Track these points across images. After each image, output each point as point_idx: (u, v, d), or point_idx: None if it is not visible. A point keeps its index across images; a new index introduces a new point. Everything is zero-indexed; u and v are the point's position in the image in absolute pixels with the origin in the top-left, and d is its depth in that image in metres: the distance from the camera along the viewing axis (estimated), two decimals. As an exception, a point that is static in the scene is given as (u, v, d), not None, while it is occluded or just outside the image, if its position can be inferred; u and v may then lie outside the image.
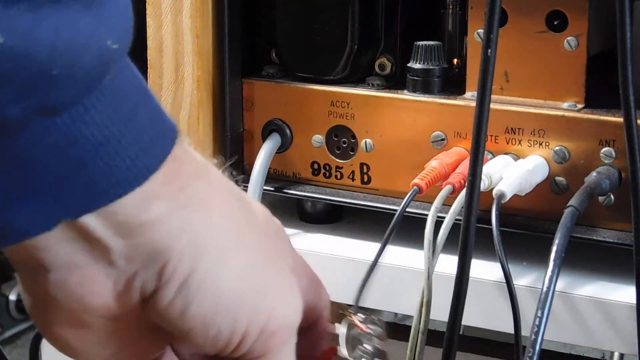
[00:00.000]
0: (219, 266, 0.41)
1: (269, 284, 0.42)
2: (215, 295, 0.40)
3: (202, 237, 0.40)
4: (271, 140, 0.76)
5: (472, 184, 0.56)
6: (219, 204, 0.41)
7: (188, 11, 0.74)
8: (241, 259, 0.41)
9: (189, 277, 0.40)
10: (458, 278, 0.57)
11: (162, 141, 0.40)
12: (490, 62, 0.55)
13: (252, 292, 0.42)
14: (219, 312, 0.41)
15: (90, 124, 0.37)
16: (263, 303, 0.42)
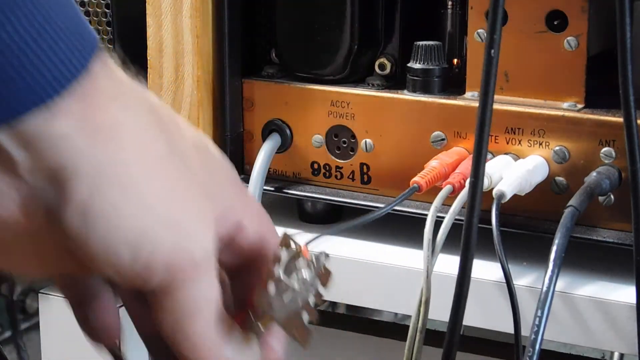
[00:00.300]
0: (120, 196, 0.40)
1: (174, 218, 0.41)
2: (114, 225, 0.40)
3: (106, 164, 0.39)
4: (271, 140, 0.76)
5: (474, 185, 0.55)
6: (131, 131, 0.40)
7: (188, 11, 0.74)
8: (145, 191, 0.40)
9: (88, 201, 0.39)
10: (459, 279, 0.57)
11: (79, 54, 0.39)
12: (493, 63, 0.55)
13: (154, 225, 0.40)
14: (118, 243, 0.40)
15: (1, 32, 0.37)
16: (166, 238, 0.41)
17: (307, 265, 0.47)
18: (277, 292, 0.45)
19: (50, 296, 0.83)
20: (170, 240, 0.41)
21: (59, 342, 0.82)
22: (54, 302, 0.80)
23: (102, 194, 0.39)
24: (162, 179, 0.41)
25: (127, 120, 0.40)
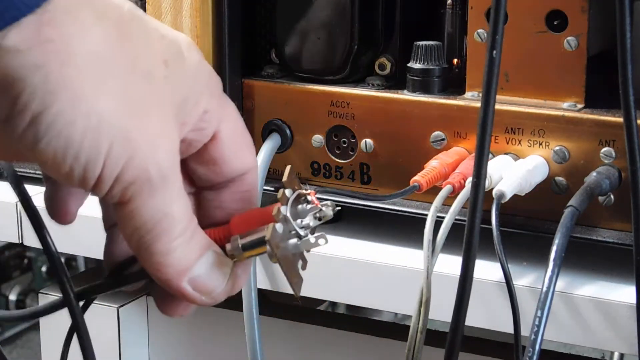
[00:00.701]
0: (71, 110, 0.40)
1: (127, 133, 0.41)
2: (65, 137, 0.40)
3: (57, 78, 0.39)
4: (271, 140, 0.76)
5: (477, 185, 0.55)
6: (84, 45, 0.40)
7: (188, 11, 0.74)
8: (97, 106, 0.40)
9: (39, 114, 0.39)
10: (461, 281, 0.57)
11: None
12: (495, 64, 0.55)
13: (105, 140, 0.40)
14: (69, 154, 0.40)
15: None
16: (118, 152, 0.41)
17: (314, 210, 0.46)
18: (283, 233, 0.45)
19: (50, 296, 0.83)
20: (122, 157, 0.41)
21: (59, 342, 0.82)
22: (54, 302, 0.79)
23: (52, 109, 0.39)
24: (116, 94, 0.41)
25: (82, 35, 0.40)
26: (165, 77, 0.43)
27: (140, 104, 0.42)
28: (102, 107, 0.40)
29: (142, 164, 0.41)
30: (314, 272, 0.73)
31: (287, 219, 0.45)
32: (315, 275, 0.73)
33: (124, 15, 0.42)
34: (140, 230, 0.42)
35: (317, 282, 0.73)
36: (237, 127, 0.47)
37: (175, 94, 0.43)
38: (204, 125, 0.45)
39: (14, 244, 1.06)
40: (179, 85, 0.44)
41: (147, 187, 0.42)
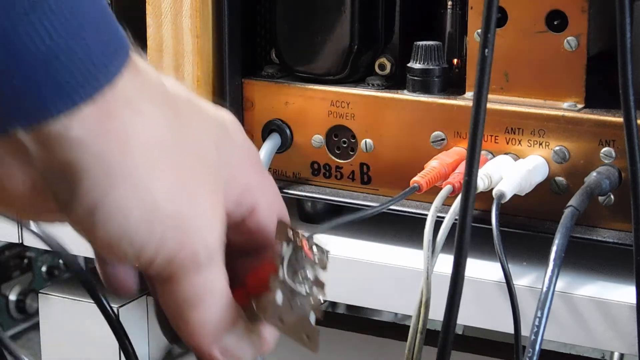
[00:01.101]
0: (129, 199, 0.41)
1: (180, 217, 0.42)
2: (122, 225, 0.41)
3: (117, 168, 0.40)
4: (271, 140, 0.76)
5: (468, 183, 0.55)
6: (144, 136, 0.41)
7: (188, 11, 0.74)
8: (153, 192, 0.41)
9: (98, 203, 0.40)
10: (453, 278, 0.57)
11: (108, 62, 0.39)
12: (487, 62, 0.55)
13: (159, 225, 0.42)
14: (124, 240, 0.41)
15: (35, 37, 0.37)
16: (170, 237, 0.42)
17: (310, 262, 0.47)
18: (285, 299, 0.45)
19: (50, 296, 0.83)
20: (174, 239, 0.42)
21: (59, 342, 0.82)
22: (54, 302, 0.80)
23: (111, 198, 0.40)
24: (172, 180, 0.42)
25: (144, 126, 0.41)
26: (216, 161, 0.45)
27: (193, 188, 0.43)
28: (159, 195, 0.42)
29: (192, 247, 0.43)
30: (314, 272, 0.73)
31: (284, 282, 0.46)
32: (315, 275, 0.73)
33: (180, 103, 0.44)
34: (181, 303, 0.44)
35: (317, 282, 0.73)
36: (274, 199, 0.49)
37: (223, 174, 0.45)
38: (245, 200, 0.47)
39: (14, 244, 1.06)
40: (227, 165, 0.46)
41: (195, 267, 0.43)
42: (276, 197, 0.50)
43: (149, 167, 0.41)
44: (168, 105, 0.43)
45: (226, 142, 0.46)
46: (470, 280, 0.60)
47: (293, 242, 0.47)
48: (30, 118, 0.38)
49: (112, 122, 0.40)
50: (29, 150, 0.39)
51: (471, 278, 0.60)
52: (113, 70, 0.40)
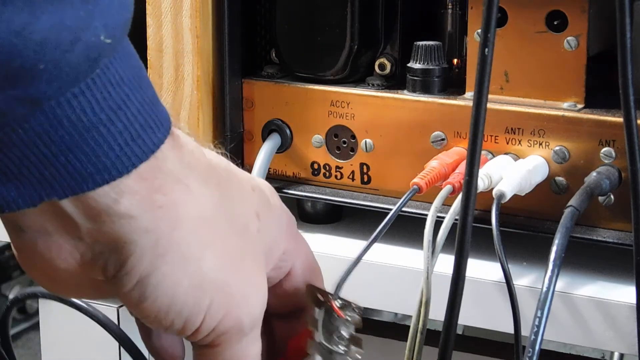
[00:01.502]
0: (178, 271, 0.41)
1: (228, 289, 0.43)
2: (170, 296, 0.42)
3: (167, 242, 0.41)
4: (271, 140, 0.76)
5: (469, 183, 0.55)
6: (192, 211, 0.42)
7: (188, 11, 0.74)
8: (201, 267, 0.42)
9: (147, 275, 0.41)
10: (454, 278, 0.57)
11: (151, 136, 0.40)
12: (487, 62, 0.55)
13: (207, 298, 0.43)
14: (172, 311, 0.42)
15: (77, 110, 0.38)
16: (217, 309, 0.43)
17: (343, 322, 0.48)
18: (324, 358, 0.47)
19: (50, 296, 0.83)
20: (221, 311, 0.43)
21: (58, 342, 0.82)
22: (53, 303, 0.80)
23: (160, 271, 0.41)
24: (218, 251, 0.43)
25: (187, 200, 0.42)
26: (258, 230, 0.46)
27: (237, 258, 0.44)
28: (207, 266, 0.42)
29: (238, 315, 0.44)
30: (314, 272, 0.73)
31: (322, 345, 0.47)
32: (315, 275, 0.73)
33: (223, 175, 0.45)
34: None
35: (317, 282, 0.73)
36: (309, 262, 0.51)
37: (265, 242, 0.47)
38: (283, 265, 0.49)
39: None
40: (268, 233, 0.47)
41: (238, 335, 0.45)
42: (310, 259, 0.51)
43: (197, 240, 0.42)
44: (211, 178, 0.43)
45: (266, 209, 0.47)
46: (471, 280, 0.60)
47: (324, 305, 0.48)
48: (72, 188, 0.39)
49: (161, 198, 0.40)
50: (79, 224, 0.40)
51: (471, 278, 0.60)
52: (154, 143, 0.40)
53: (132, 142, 0.39)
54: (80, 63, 0.37)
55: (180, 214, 0.41)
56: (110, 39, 0.38)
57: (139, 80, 0.40)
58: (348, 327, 0.49)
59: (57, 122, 0.37)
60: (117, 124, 0.39)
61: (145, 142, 0.40)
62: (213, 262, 0.43)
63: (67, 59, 0.36)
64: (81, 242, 0.40)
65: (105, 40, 0.38)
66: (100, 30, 0.38)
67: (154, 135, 0.40)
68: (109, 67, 0.39)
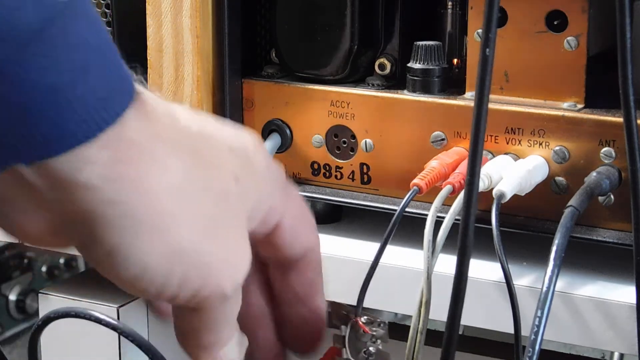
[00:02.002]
0: (147, 242, 0.41)
1: (204, 258, 0.42)
2: (141, 266, 0.41)
3: (134, 213, 0.40)
4: (271, 140, 0.76)
5: (471, 183, 0.55)
6: (160, 181, 0.41)
7: (188, 11, 0.74)
8: (174, 235, 0.41)
9: (116, 246, 0.40)
10: (457, 278, 0.57)
11: (113, 103, 0.39)
12: (488, 62, 0.55)
13: (182, 264, 0.42)
14: (145, 279, 0.41)
15: (37, 71, 0.37)
16: (194, 274, 0.42)
17: (369, 337, 0.49)
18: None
19: (50, 296, 0.83)
20: (197, 280, 0.43)
21: (58, 342, 0.82)
22: (53, 302, 0.79)
23: (129, 241, 0.40)
24: (192, 220, 0.42)
25: (154, 170, 0.41)
26: (237, 194, 0.45)
27: (214, 225, 0.43)
28: (179, 236, 0.41)
29: (218, 282, 0.43)
30: (314, 272, 0.73)
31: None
32: (315, 275, 0.73)
33: (195, 139, 0.43)
34: (200, 330, 0.45)
35: (317, 282, 0.73)
36: (299, 212, 0.50)
37: (246, 204, 0.45)
38: (270, 219, 0.48)
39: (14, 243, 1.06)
40: (249, 194, 0.46)
41: (220, 300, 0.44)
42: (301, 209, 0.50)
43: (168, 209, 0.41)
44: (182, 145, 0.42)
45: (246, 169, 0.46)
46: (471, 280, 0.59)
47: (350, 322, 0.49)
48: (33, 154, 0.38)
49: (124, 168, 0.39)
50: (43, 193, 0.39)
51: (471, 278, 0.60)
52: (116, 112, 0.39)
53: (94, 109, 0.38)
54: (32, 22, 0.36)
55: (147, 185, 0.40)
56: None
57: (101, 43, 0.39)
58: (374, 343, 0.49)
59: (17, 84, 0.37)
60: (78, 88, 0.38)
61: (106, 109, 0.39)
62: (185, 230, 0.41)
63: (18, 16, 0.36)
64: (49, 212, 0.40)
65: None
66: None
67: (117, 102, 0.39)
68: (69, 29, 0.38)
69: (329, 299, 0.69)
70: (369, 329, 0.49)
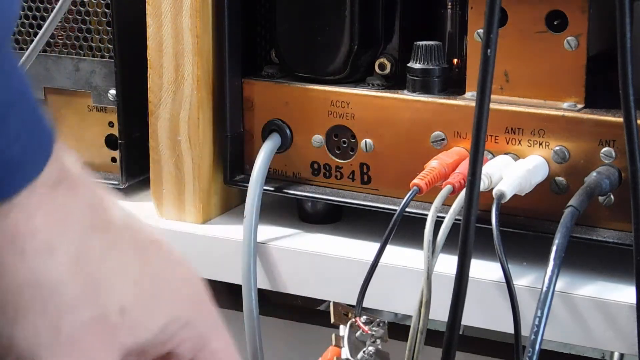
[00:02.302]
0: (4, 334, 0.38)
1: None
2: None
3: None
4: (271, 140, 0.76)
5: (472, 183, 0.55)
6: (21, 277, 0.38)
7: (188, 11, 0.74)
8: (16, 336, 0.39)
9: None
10: (458, 278, 0.57)
11: (28, 162, 0.37)
12: (490, 62, 0.55)
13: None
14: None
15: None
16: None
17: (368, 337, 0.48)
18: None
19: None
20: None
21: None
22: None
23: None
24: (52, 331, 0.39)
25: (59, 234, 0.38)
26: (114, 327, 0.41)
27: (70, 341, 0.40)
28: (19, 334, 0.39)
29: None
30: (314, 272, 0.73)
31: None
32: (315, 275, 0.73)
33: (95, 247, 0.40)
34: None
35: (317, 282, 0.73)
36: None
37: (124, 342, 0.41)
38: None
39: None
40: (132, 333, 0.42)
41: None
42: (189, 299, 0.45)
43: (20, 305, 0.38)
44: (62, 254, 0.39)
45: (141, 303, 0.41)
46: (471, 280, 0.60)
47: (350, 322, 0.48)
48: None
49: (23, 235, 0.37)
50: None
51: (471, 278, 0.60)
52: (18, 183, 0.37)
53: (8, 168, 0.36)
54: None
55: (3, 274, 0.37)
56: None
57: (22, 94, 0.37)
58: (374, 342, 0.49)
59: None
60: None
61: (21, 173, 0.36)
62: (26, 331, 0.38)
63: None
64: None
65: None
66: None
67: (33, 164, 0.37)
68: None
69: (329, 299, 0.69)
70: (368, 329, 0.49)
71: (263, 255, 0.74)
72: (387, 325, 0.50)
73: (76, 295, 0.39)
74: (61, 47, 0.82)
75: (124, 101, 0.81)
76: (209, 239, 0.76)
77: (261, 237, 0.74)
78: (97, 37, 0.81)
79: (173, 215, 0.78)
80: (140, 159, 0.81)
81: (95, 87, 0.81)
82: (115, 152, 0.83)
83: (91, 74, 0.81)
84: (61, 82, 0.82)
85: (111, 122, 0.82)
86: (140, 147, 0.80)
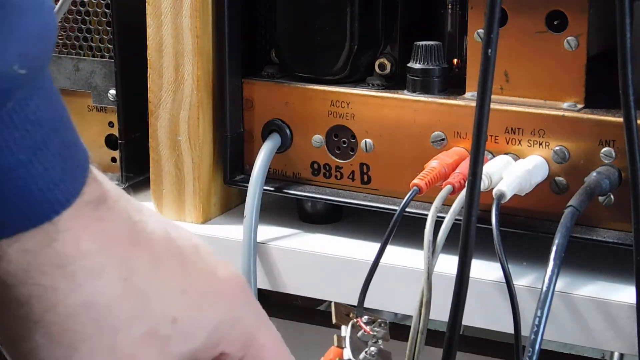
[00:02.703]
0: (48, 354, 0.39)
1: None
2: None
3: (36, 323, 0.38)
4: (271, 140, 0.76)
5: (473, 183, 0.55)
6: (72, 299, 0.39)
7: (188, 11, 0.74)
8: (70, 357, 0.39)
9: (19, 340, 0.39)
10: (458, 278, 0.57)
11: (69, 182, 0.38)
12: (490, 62, 0.55)
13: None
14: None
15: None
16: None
17: (370, 337, 0.48)
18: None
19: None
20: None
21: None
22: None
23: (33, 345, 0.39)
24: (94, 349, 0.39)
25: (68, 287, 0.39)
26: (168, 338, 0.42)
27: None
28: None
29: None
30: (314, 272, 0.73)
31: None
32: (315, 275, 0.73)
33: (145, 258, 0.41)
34: None
35: (317, 282, 0.73)
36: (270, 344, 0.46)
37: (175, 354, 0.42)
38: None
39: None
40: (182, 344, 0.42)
41: None
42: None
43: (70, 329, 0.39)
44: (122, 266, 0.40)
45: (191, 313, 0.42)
46: (471, 280, 0.60)
47: (351, 322, 0.48)
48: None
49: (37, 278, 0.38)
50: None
51: (471, 278, 0.60)
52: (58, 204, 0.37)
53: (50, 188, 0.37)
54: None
55: (56, 300, 0.38)
56: (25, 70, 0.35)
57: (60, 119, 0.38)
58: (375, 342, 0.49)
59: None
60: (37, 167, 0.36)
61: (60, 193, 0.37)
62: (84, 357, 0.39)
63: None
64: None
65: (19, 71, 0.35)
66: (14, 59, 0.35)
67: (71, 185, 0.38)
68: (28, 103, 0.36)
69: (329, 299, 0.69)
70: (370, 329, 0.49)
71: (263, 255, 0.74)
72: (388, 324, 0.50)
73: (128, 313, 0.40)
74: (61, 47, 0.82)
75: (124, 101, 0.81)
76: (209, 239, 0.76)
77: (261, 237, 0.74)
78: (97, 37, 0.81)
79: (173, 215, 0.78)
80: (140, 159, 0.81)
81: (95, 87, 0.81)
82: (115, 152, 0.83)
83: (91, 74, 0.81)
84: (61, 82, 0.82)
85: (111, 122, 0.82)
86: (140, 147, 0.80)
